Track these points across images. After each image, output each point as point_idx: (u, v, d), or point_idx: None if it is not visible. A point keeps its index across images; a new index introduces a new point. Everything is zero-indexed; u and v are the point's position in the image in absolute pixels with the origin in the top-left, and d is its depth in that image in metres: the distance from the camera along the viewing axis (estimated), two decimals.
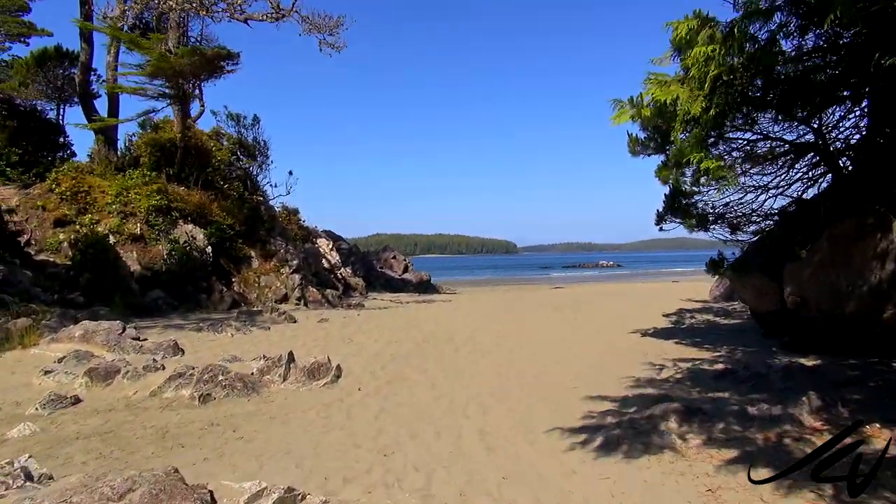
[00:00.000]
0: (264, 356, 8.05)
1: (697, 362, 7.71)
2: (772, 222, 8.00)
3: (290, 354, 7.81)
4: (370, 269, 28.60)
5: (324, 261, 22.34)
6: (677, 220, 8.55)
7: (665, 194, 8.60)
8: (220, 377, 6.75)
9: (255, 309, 15.29)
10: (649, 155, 8.12)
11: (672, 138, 7.16)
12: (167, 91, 18.42)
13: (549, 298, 19.40)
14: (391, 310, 16.56)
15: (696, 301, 15.27)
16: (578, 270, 76.12)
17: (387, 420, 5.66)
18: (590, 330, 11.35)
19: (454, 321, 13.10)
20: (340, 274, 22.52)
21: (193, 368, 6.96)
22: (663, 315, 12.82)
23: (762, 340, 8.89)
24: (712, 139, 7.53)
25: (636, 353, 8.59)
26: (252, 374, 7.42)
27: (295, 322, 13.36)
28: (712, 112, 6.79)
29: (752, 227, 8.16)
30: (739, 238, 8.57)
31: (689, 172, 7.50)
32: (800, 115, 7.24)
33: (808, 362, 7.01)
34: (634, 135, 8.19)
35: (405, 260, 31.35)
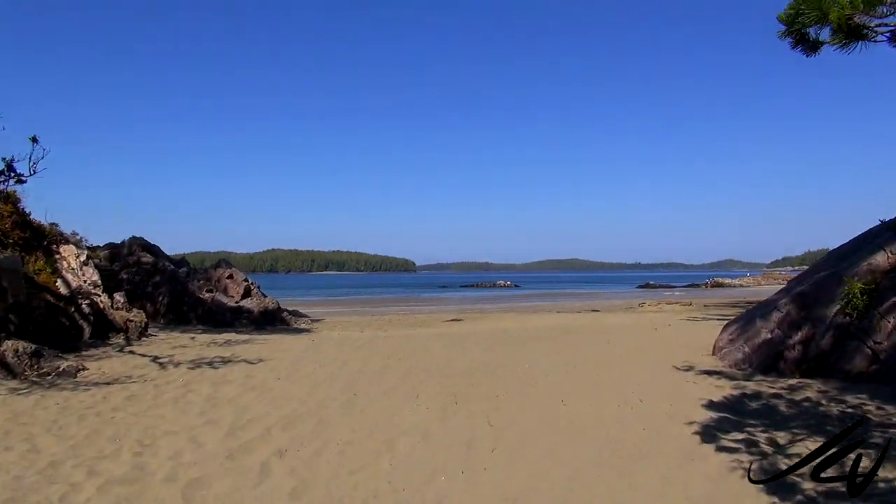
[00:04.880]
0: None
1: None
2: None
3: None
4: (181, 295, 19.29)
5: (59, 282, 13.00)
6: None
7: None
8: None
9: None
10: None
11: None
12: None
13: (446, 351, 11.64)
14: (118, 394, 7.85)
15: (709, 373, 8.12)
16: (477, 290, 73.08)
17: None
18: None
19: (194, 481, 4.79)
20: (93, 304, 13.24)
21: None
22: (704, 440, 5.40)
23: None
24: None
25: None
26: None
27: None
28: None
29: None
30: None
31: None
32: None
33: None
34: None
35: (246, 281, 22.23)
